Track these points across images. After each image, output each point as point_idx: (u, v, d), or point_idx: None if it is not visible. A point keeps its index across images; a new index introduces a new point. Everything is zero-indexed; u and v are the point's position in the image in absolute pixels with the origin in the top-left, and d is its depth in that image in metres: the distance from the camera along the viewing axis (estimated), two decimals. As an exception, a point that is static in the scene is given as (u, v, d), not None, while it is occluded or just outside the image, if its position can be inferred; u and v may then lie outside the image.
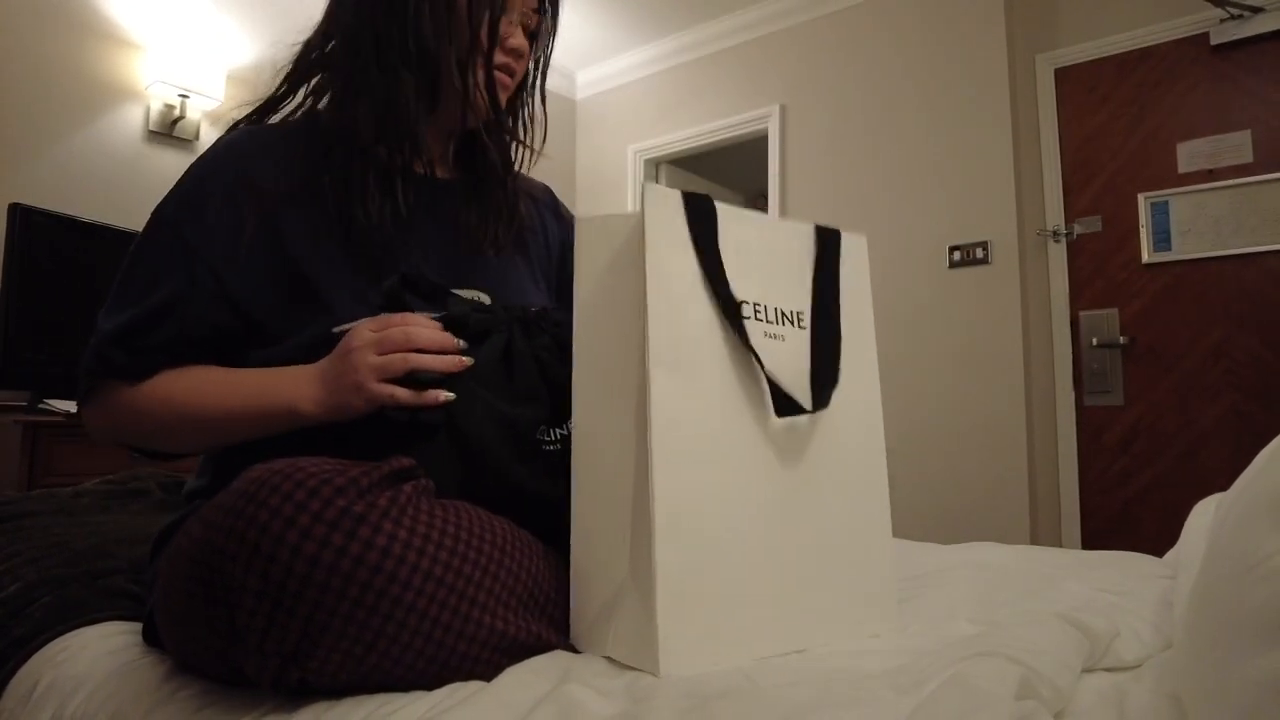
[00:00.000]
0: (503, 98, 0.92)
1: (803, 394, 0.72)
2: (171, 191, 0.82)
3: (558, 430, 0.76)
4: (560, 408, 0.74)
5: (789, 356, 0.72)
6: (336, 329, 0.77)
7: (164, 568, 0.62)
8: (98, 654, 0.76)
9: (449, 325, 0.74)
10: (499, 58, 0.89)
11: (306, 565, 0.52)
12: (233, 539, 0.53)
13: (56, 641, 0.81)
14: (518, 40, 0.91)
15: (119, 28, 2.76)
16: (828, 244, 0.78)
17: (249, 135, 0.86)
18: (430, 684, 0.59)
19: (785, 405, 0.69)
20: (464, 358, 0.72)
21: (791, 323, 0.74)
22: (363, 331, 0.72)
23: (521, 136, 0.99)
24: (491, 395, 0.73)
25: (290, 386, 0.74)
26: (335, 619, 0.53)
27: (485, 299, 0.88)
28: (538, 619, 0.66)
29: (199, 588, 0.55)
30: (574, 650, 0.68)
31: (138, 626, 0.82)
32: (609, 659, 0.63)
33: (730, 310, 0.68)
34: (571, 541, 0.69)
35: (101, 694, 0.68)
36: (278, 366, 0.77)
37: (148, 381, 0.79)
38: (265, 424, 0.75)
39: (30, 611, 0.87)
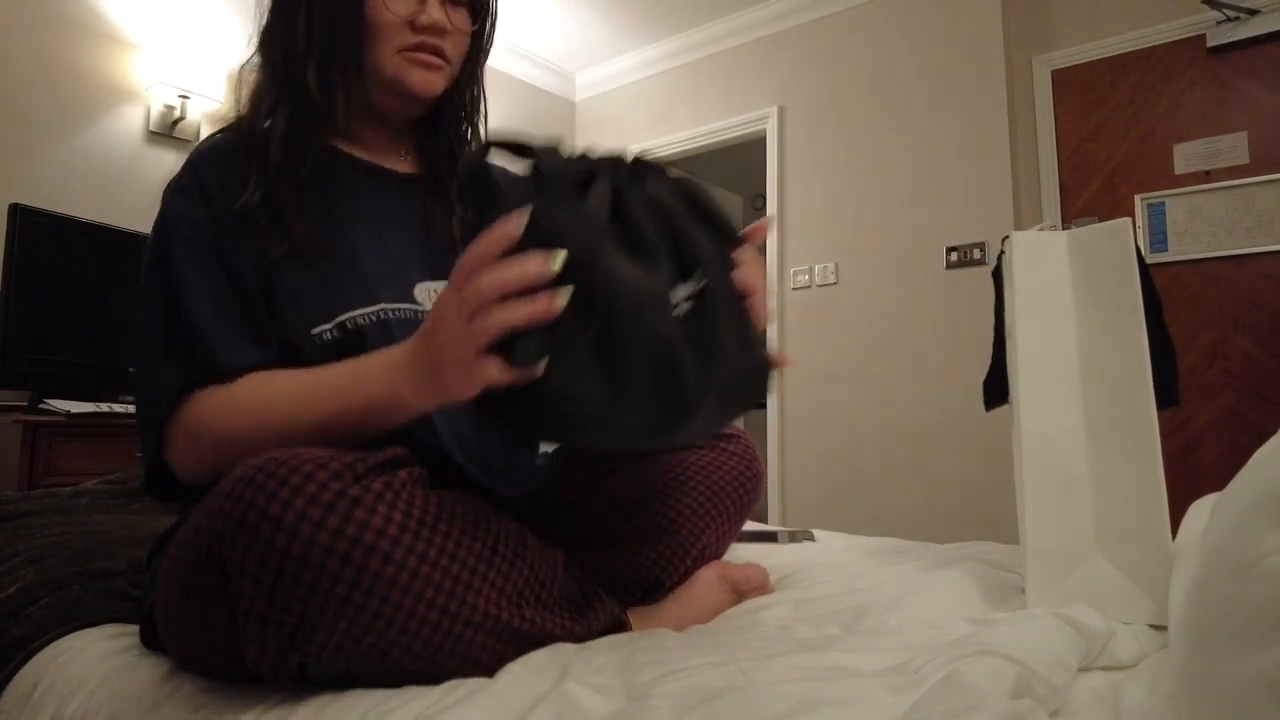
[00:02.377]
0: (432, 79, 0.87)
1: None
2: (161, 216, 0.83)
3: (682, 288, 0.62)
4: (683, 260, 0.63)
5: None
6: (346, 316, 0.77)
7: (165, 563, 0.63)
8: (97, 655, 0.76)
9: (545, 182, 0.62)
10: (407, 38, 0.85)
11: (303, 547, 0.53)
12: (230, 523, 0.54)
13: (56, 643, 0.81)
14: (431, 15, 0.85)
15: (119, 28, 2.76)
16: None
17: (206, 154, 0.84)
18: (431, 670, 0.60)
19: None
20: (557, 297, 0.57)
21: None
22: (448, 296, 0.60)
23: (473, 117, 0.96)
24: (611, 256, 0.59)
25: (388, 379, 0.66)
26: (332, 600, 0.53)
27: None
28: (535, 608, 0.67)
29: (199, 577, 0.56)
30: (576, 640, 0.69)
31: (137, 629, 0.82)
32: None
33: None
34: (1024, 524, 0.83)
35: (102, 694, 0.68)
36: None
37: (236, 384, 0.73)
38: (367, 424, 0.68)
39: (29, 613, 0.87)
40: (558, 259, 0.57)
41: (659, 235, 0.62)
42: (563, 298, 0.57)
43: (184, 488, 0.75)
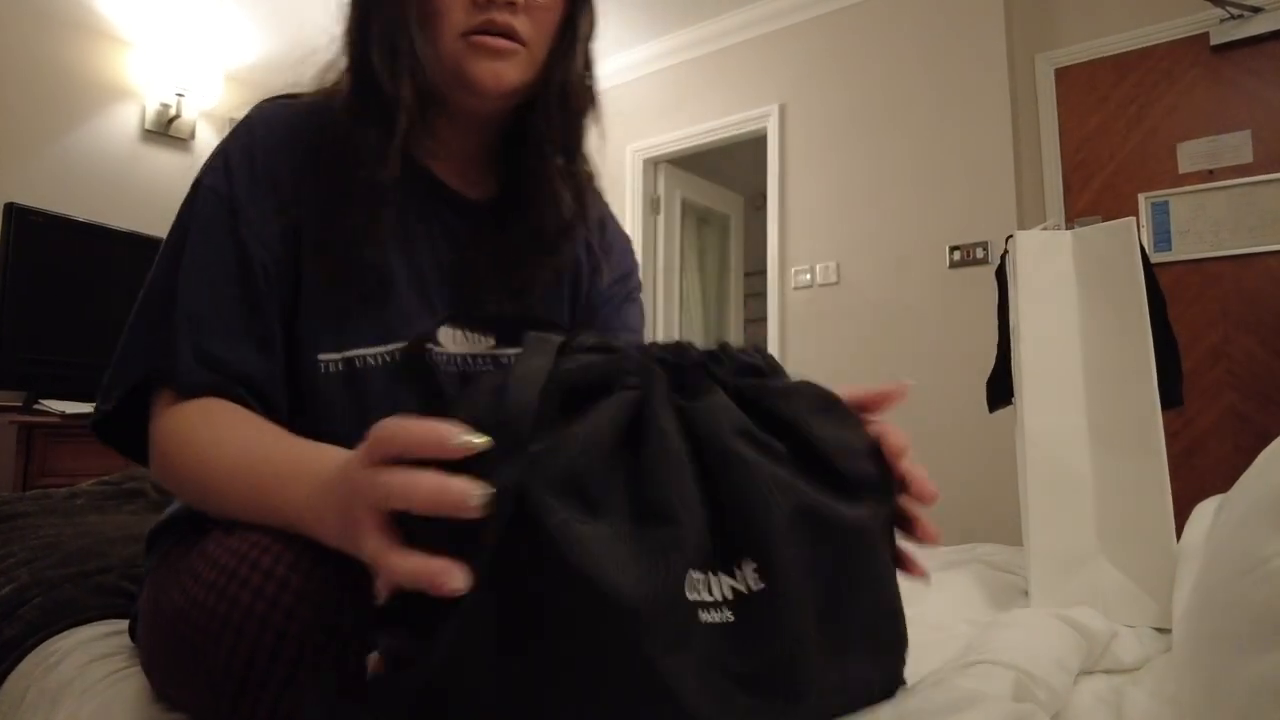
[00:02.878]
0: (501, 70, 0.71)
1: None
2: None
3: (726, 580, 0.41)
4: (730, 533, 0.42)
5: None
6: (355, 353, 0.68)
7: (145, 617, 0.61)
8: (88, 658, 0.75)
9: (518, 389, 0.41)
10: (469, 18, 0.69)
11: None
12: (214, 620, 0.50)
13: (47, 643, 0.80)
14: None
15: (114, 27, 2.76)
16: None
17: (262, 127, 0.74)
18: None
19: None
20: (474, 490, 0.38)
21: None
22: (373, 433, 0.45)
23: (556, 129, 0.76)
24: (601, 525, 0.39)
25: (306, 494, 0.52)
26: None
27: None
28: None
29: (180, 656, 0.54)
30: None
31: (127, 624, 0.81)
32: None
33: None
34: (1028, 526, 0.83)
35: (92, 704, 0.67)
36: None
37: (200, 414, 0.63)
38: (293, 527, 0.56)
39: (22, 613, 0.86)
40: (479, 441, 0.39)
41: (695, 488, 0.41)
42: (479, 501, 0.37)
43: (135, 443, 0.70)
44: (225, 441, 0.61)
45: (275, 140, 0.72)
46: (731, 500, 0.42)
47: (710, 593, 0.40)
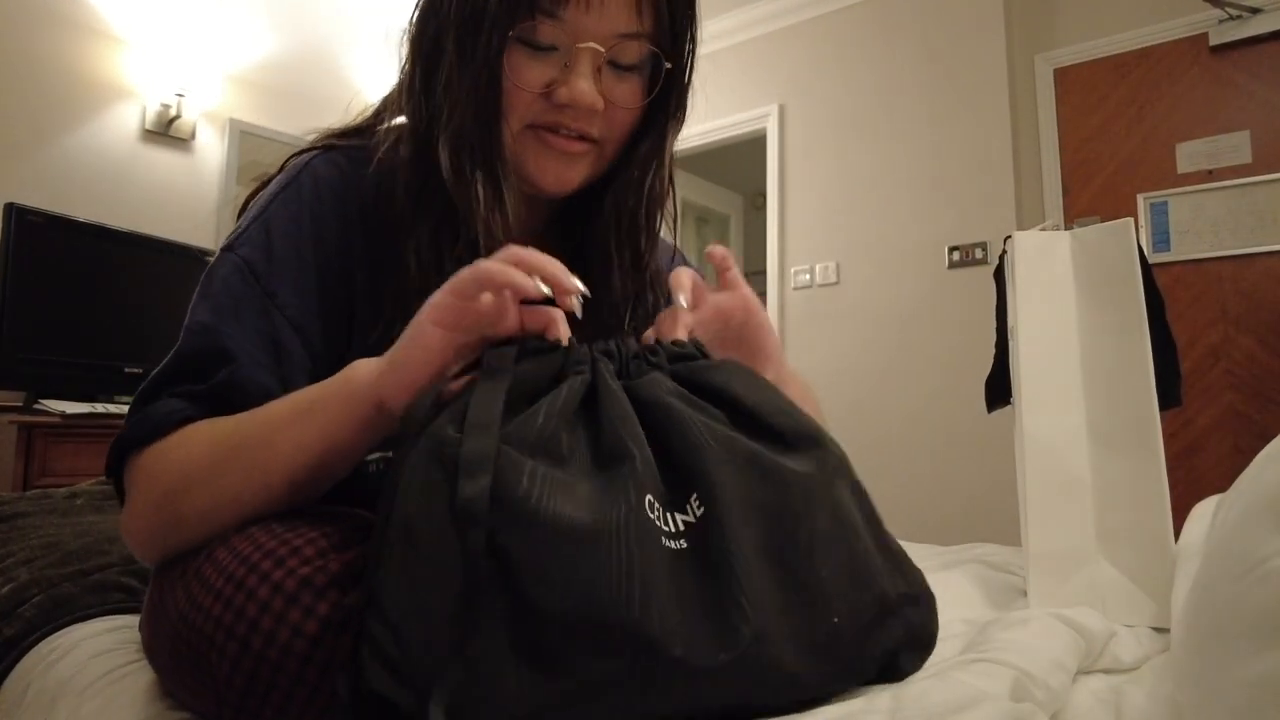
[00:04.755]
0: (565, 173, 0.67)
1: None
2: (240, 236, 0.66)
3: (679, 515, 0.47)
4: (677, 473, 0.48)
5: None
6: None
7: (149, 614, 0.60)
8: (87, 656, 0.75)
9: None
10: (540, 112, 0.65)
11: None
12: (220, 630, 0.50)
13: (47, 641, 0.80)
14: (576, 88, 0.63)
15: (114, 26, 2.76)
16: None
17: (311, 183, 0.67)
18: None
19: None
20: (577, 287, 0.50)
21: None
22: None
23: (624, 237, 0.71)
24: (571, 469, 0.46)
25: (372, 366, 0.54)
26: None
27: None
28: None
29: (184, 663, 0.53)
30: None
31: (129, 620, 0.81)
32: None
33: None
34: (1026, 526, 0.82)
35: (92, 703, 0.67)
36: None
37: (180, 430, 0.59)
38: (320, 417, 0.55)
39: (21, 611, 0.86)
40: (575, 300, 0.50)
41: (644, 437, 0.48)
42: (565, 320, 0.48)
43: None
44: (255, 410, 0.57)
45: (324, 207, 0.66)
46: (674, 444, 0.48)
47: (667, 524, 0.46)
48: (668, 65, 0.70)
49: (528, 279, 0.49)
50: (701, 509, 0.46)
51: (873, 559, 0.52)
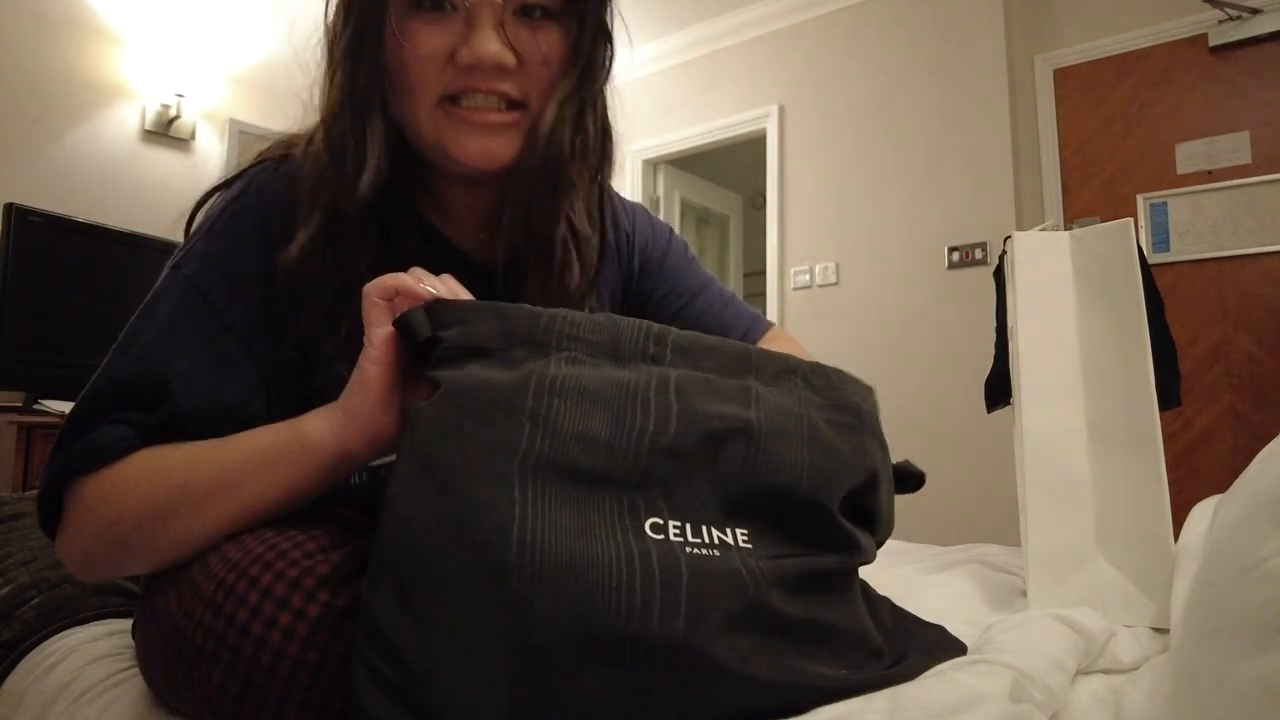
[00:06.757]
0: (491, 147, 0.61)
1: None
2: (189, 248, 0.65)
3: (674, 522, 0.46)
4: (673, 477, 0.48)
5: None
6: (384, 461, 0.61)
7: (142, 621, 0.60)
8: (86, 660, 0.75)
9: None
10: (448, 82, 0.59)
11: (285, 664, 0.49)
12: (211, 638, 0.49)
13: (44, 645, 0.80)
14: (479, 47, 0.57)
15: (114, 27, 2.76)
16: None
17: (257, 194, 0.65)
18: None
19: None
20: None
21: None
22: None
23: (560, 197, 0.65)
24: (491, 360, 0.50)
25: (323, 414, 0.56)
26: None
27: None
28: None
29: (177, 669, 0.53)
30: None
31: (127, 625, 0.81)
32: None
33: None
34: (1026, 526, 0.82)
35: (90, 709, 0.67)
36: None
37: (127, 459, 0.57)
38: (282, 470, 0.55)
39: (20, 614, 0.86)
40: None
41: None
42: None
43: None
44: (205, 448, 0.57)
45: (271, 221, 0.63)
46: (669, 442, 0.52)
47: (674, 529, 0.48)
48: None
49: (417, 284, 0.54)
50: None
51: None
